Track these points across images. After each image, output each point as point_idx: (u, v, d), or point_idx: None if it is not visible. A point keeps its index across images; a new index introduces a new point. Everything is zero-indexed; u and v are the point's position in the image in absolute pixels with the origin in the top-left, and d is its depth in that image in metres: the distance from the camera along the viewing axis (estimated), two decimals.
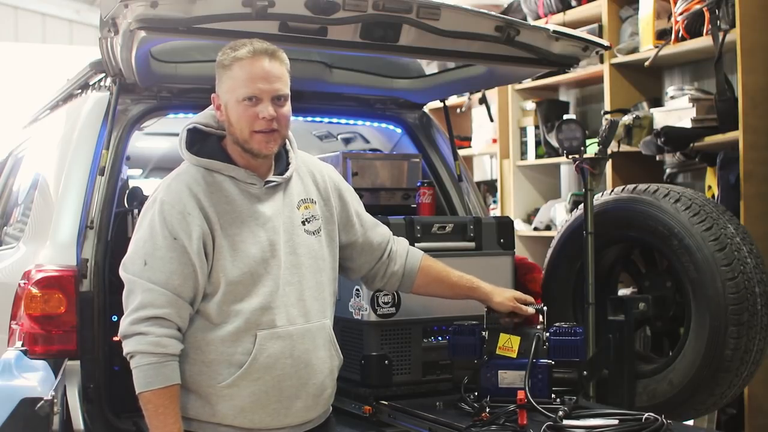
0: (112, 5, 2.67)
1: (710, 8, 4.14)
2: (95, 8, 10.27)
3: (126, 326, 2.29)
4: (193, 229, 2.30)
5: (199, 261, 2.30)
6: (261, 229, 2.38)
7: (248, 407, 2.34)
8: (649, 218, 3.21)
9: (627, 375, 3.13)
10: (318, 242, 2.51)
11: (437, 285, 2.80)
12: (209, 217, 2.32)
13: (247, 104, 2.33)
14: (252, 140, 2.36)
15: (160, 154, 5.13)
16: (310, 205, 2.51)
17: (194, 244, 2.29)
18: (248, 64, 2.32)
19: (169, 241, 2.29)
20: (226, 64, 2.35)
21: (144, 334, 2.26)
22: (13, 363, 2.56)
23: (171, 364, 2.28)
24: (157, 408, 2.26)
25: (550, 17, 5.43)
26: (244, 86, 2.32)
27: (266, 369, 2.34)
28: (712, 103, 4.25)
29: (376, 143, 4.36)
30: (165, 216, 2.31)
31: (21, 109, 6.16)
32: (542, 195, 6.04)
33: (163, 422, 2.26)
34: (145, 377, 2.26)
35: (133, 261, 2.33)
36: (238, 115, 2.34)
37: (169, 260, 2.28)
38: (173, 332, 2.29)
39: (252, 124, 2.34)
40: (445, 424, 2.65)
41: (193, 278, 2.29)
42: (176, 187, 2.36)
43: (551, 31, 3.18)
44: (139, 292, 2.28)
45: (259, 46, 2.35)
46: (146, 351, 2.26)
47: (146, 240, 2.32)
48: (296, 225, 2.45)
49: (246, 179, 2.39)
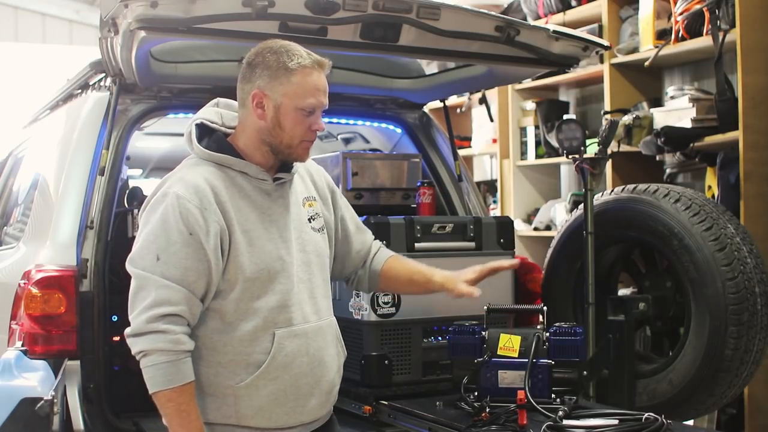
0: (112, 5, 2.67)
1: (710, 8, 4.14)
2: (95, 8, 10.27)
3: (140, 324, 2.22)
4: (211, 224, 2.25)
5: (214, 258, 2.25)
6: (274, 225, 2.37)
7: (266, 406, 2.32)
8: (649, 218, 3.21)
9: (627, 375, 3.13)
10: (323, 239, 2.51)
11: (399, 285, 2.77)
12: (227, 212, 2.29)
13: (304, 114, 2.33)
14: (299, 147, 2.37)
15: (160, 154, 5.13)
16: (313, 202, 2.51)
17: (211, 240, 2.25)
18: (315, 74, 2.32)
19: (184, 236, 2.23)
20: (292, 68, 2.30)
21: (162, 332, 2.21)
22: (13, 363, 2.56)
23: (188, 361, 2.25)
24: (180, 406, 2.23)
25: (550, 17, 5.44)
26: (311, 96, 2.31)
27: (284, 368, 2.32)
28: (712, 103, 4.25)
29: (376, 143, 4.36)
30: (180, 210, 2.24)
31: (21, 109, 6.16)
32: (542, 195, 6.04)
33: (186, 419, 2.23)
34: (164, 375, 2.21)
35: (143, 256, 2.26)
36: (293, 121, 2.33)
37: (185, 256, 2.23)
38: (188, 329, 2.26)
39: (306, 133, 2.35)
40: (445, 424, 2.65)
41: (207, 275, 2.25)
42: (192, 181, 2.29)
43: (551, 31, 3.18)
44: (153, 289, 2.22)
45: (317, 57, 2.35)
46: (165, 349, 2.21)
47: (158, 235, 2.25)
48: (303, 222, 2.45)
49: (258, 175, 2.37)
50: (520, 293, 3.49)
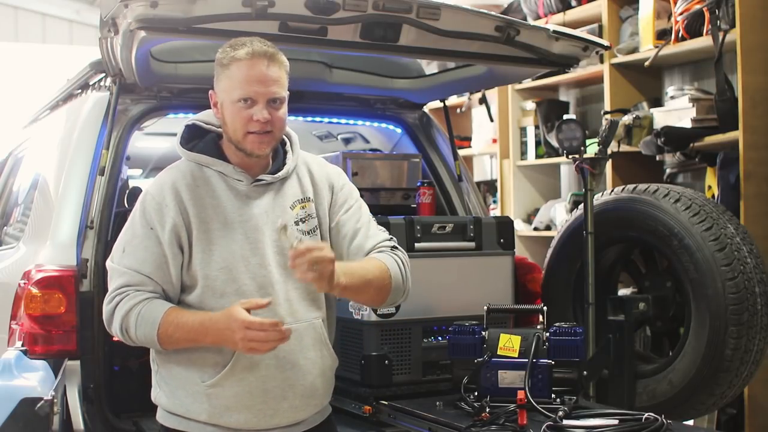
0: (112, 5, 2.67)
1: (710, 8, 4.14)
2: (95, 8, 10.26)
3: (105, 311, 2.34)
4: (167, 220, 2.34)
5: (171, 252, 2.33)
6: (242, 226, 2.38)
7: (233, 407, 2.34)
8: (649, 218, 3.21)
9: (627, 375, 3.13)
10: (313, 242, 2.48)
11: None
12: (187, 210, 2.36)
13: (241, 105, 2.33)
14: (245, 141, 2.36)
15: (160, 154, 5.12)
16: (306, 204, 2.48)
17: (166, 234, 2.33)
18: (246, 65, 2.31)
19: (145, 230, 2.35)
20: (225, 63, 2.35)
21: (124, 300, 2.30)
22: (13, 363, 2.56)
23: (157, 299, 2.32)
24: (179, 326, 2.27)
25: (550, 17, 5.43)
26: (240, 88, 2.32)
27: (249, 369, 2.33)
28: (712, 103, 4.25)
29: (376, 143, 4.36)
30: (145, 207, 2.38)
31: (21, 109, 6.16)
32: (542, 195, 6.04)
33: (202, 333, 2.27)
34: (147, 323, 2.28)
35: (115, 249, 2.41)
36: (232, 115, 2.35)
37: (144, 248, 2.34)
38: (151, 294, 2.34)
39: (246, 125, 2.34)
40: (445, 424, 2.65)
41: (164, 268, 2.33)
42: (160, 181, 2.42)
43: (551, 31, 3.18)
44: (117, 276, 2.35)
45: (258, 47, 2.33)
46: (132, 307, 2.29)
47: (126, 229, 2.41)
48: (288, 225, 2.43)
49: (233, 175, 2.40)
50: (520, 293, 3.49)
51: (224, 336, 2.23)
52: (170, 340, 2.30)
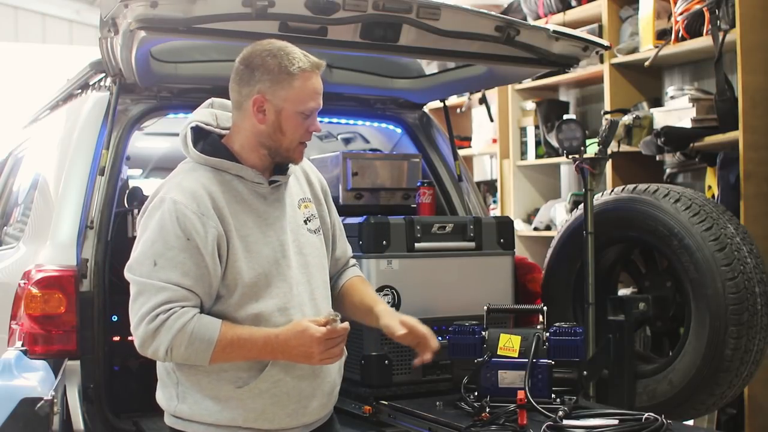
0: (112, 5, 2.67)
1: (710, 8, 4.14)
2: (95, 8, 10.27)
3: (146, 331, 2.19)
4: (209, 230, 2.24)
5: (212, 263, 2.24)
6: (270, 228, 2.36)
7: (269, 409, 2.31)
8: (649, 218, 3.21)
9: (627, 375, 3.13)
10: (319, 241, 2.50)
11: (349, 306, 2.61)
12: (224, 217, 2.28)
13: (303, 117, 2.32)
14: (296, 150, 2.37)
15: (160, 154, 5.13)
16: (308, 204, 2.49)
17: (209, 245, 2.23)
18: (313, 77, 2.32)
19: (182, 242, 2.21)
20: (293, 72, 2.28)
21: (169, 320, 2.18)
22: (13, 363, 2.56)
23: (204, 316, 2.23)
24: (235, 344, 2.22)
25: (550, 17, 5.44)
26: (311, 100, 2.31)
27: (286, 371, 2.31)
28: (712, 103, 4.25)
29: (376, 143, 4.36)
30: (177, 215, 2.22)
31: (21, 109, 6.16)
32: (542, 195, 6.04)
33: (267, 352, 2.24)
34: (200, 344, 2.19)
35: (141, 262, 2.23)
36: (294, 125, 2.32)
37: (182, 260, 2.21)
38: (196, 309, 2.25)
39: (303, 135, 2.35)
40: (445, 424, 2.65)
41: (205, 279, 2.24)
42: (189, 186, 2.27)
43: (551, 31, 3.19)
44: (152, 293, 2.19)
45: (314, 59, 2.34)
46: (184, 325, 2.18)
47: (155, 240, 2.23)
48: (300, 224, 2.44)
49: (253, 178, 2.36)
50: (520, 293, 3.49)
51: (297, 353, 2.23)
52: (226, 358, 2.23)
